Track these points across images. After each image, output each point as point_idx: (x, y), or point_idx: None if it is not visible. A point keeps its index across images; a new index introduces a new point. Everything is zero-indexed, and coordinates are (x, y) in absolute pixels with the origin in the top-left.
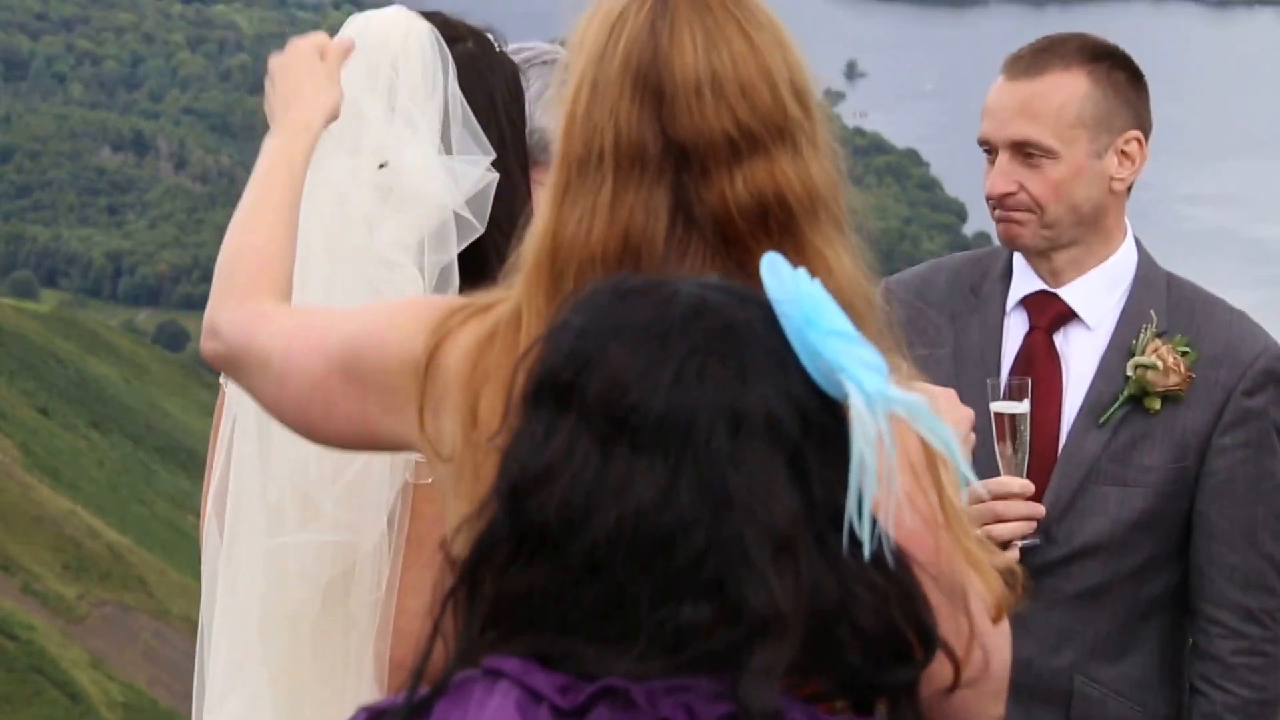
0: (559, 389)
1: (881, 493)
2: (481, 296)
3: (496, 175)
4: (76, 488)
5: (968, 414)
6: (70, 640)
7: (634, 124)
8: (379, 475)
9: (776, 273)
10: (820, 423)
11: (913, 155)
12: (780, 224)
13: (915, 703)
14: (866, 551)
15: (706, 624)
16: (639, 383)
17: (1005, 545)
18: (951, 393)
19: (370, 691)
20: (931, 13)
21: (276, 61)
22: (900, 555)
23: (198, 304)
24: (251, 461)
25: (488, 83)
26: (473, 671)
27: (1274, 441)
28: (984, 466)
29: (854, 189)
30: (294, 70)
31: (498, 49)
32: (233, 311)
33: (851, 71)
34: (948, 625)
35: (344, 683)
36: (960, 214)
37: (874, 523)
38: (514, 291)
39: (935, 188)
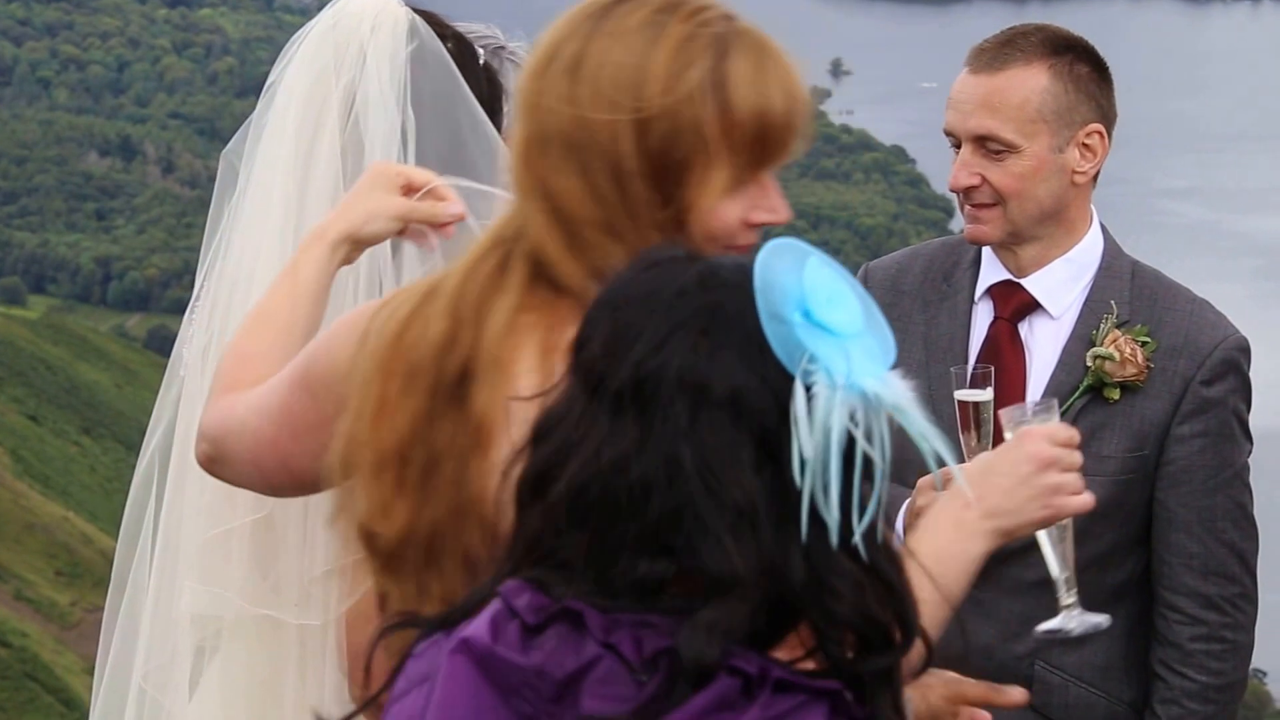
0: (574, 350)
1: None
2: (415, 285)
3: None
4: (68, 494)
5: None
6: (64, 646)
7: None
8: None
9: (779, 257)
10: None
11: (899, 152)
12: None
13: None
14: (833, 539)
15: (666, 580)
16: (617, 349)
17: None
18: None
19: (336, 678)
20: (915, 11)
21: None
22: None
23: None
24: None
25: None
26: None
27: (1234, 430)
28: None
29: (845, 185)
30: (357, 187)
31: (482, 59)
32: (211, 410)
33: (837, 70)
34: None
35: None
36: (947, 210)
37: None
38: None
39: (922, 184)
